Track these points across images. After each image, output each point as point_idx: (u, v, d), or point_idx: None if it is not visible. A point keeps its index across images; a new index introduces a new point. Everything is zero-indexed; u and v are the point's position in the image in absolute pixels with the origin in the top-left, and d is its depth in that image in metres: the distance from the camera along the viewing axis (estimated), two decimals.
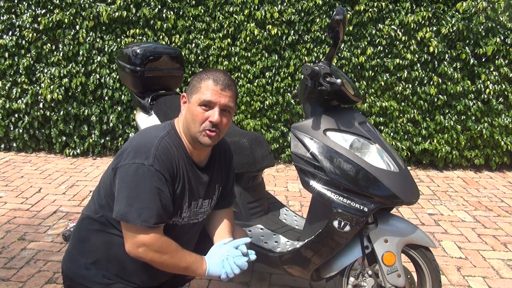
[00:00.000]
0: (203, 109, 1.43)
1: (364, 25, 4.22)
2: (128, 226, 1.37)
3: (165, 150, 1.41)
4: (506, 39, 4.13)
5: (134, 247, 1.38)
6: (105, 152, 4.73)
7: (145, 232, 1.36)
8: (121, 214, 1.36)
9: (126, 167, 1.37)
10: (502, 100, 4.27)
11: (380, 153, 1.70)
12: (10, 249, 2.67)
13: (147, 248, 1.37)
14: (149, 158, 1.36)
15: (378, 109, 4.32)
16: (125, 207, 1.35)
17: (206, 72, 1.47)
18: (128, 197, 1.35)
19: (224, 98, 1.44)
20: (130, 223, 1.35)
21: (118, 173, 1.39)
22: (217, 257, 1.48)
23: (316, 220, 1.84)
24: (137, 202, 1.35)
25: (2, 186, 3.76)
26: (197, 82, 1.45)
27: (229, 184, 1.73)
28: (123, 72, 2.47)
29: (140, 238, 1.36)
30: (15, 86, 4.54)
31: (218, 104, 1.43)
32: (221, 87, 1.43)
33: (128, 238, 1.39)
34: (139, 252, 1.38)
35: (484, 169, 4.53)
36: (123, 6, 4.29)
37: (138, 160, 1.36)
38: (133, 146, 1.41)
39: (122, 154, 1.42)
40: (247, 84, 4.35)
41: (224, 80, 1.44)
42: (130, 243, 1.38)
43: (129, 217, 1.35)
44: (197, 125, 1.43)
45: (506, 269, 2.58)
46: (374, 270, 1.75)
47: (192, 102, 1.45)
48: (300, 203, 3.52)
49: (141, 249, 1.37)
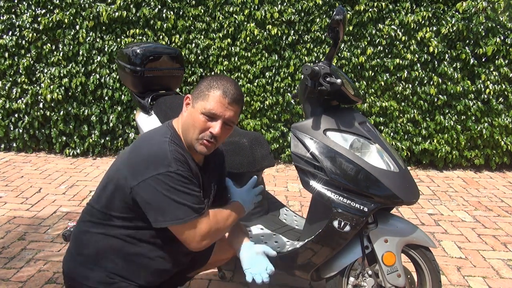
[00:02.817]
0: (206, 119, 1.41)
1: (364, 25, 4.22)
2: (184, 227, 1.39)
3: (178, 152, 1.41)
4: (506, 39, 4.13)
5: (199, 243, 1.42)
6: (105, 152, 4.73)
7: (199, 223, 1.40)
8: (176, 219, 1.37)
9: (152, 180, 1.35)
10: (502, 100, 4.27)
11: (380, 153, 1.70)
12: (10, 249, 2.67)
13: (208, 235, 1.43)
14: (171, 164, 1.36)
15: (378, 109, 4.32)
16: (177, 212, 1.36)
17: (218, 80, 1.44)
18: (172, 203, 1.36)
19: (230, 112, 1.42)
20: (188, 222, 1.38)
21: (144, 189, 1.36)
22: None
23: (316, 220, 1.84)
24: (186, 202, 1.37)
25: (2, 186, 3.76)
26: (206, 89, 1.42)
27: (222, 182, 1.74)
28: (123, 72, 2.47)
29: (199, 232, 1.40)
30: (15, 86, 4.54)
31: (222, 118, 1.41)
32: (229, 100, 1.41)
33: (189, 239, 1.41)
34: (207, 244, 1.44)
35: (484, 169, 4.53)
36: (123, 6, 4.29)
37: (162, 170, 1.35)
38: (145, 157, 1.38)
39: (138, 169, 1.38)
40: (247, 84, 4.35)
41: (234, 93, 1.42)
42: (195, 242, 1.42)
43: (186, 217, 1.37)
44: (196, 132, 1.43)
45: (506, 269, 2.58)
46: (374, 270, 1.75)
47: (196, 108, 1.42)
48: (300, 203, 3.52)
49: (205, 241, 1.43)
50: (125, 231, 1.47)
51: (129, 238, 1.47)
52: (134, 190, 1.38)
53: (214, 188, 1.67)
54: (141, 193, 1.37)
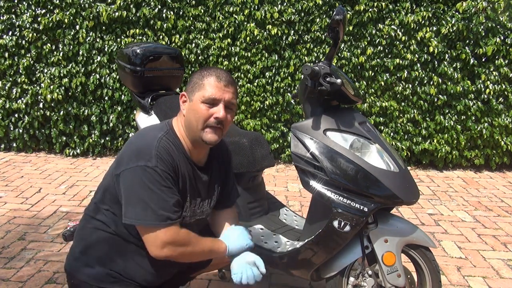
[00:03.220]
0: (207, 106, 1.42)
1: (364, 25, 4.22)
2: (146, 229, 1.37)
3: (165, 149, 1.40)
4: (506, 39, 4.13)
5: (158, 249, 1.37)
6: (105, 152, 4.73)
7: (165, 231, 1.36)
8: (137, 219, 1.35)
9: (129, 171, 1.36)
10: (502, 100, 4.27)
11: (380, 153, 1.70)
12: (10, 249, 2.67)
13: (171, 245, 1.37)
14: (151, 159, 1.36)
15: (378, 109, 4.32)
16: (140, 211, 1.34)
17: (207, 69, 1.47)
18: (140, 201, 1.34)
19: (228, 94, 1.44)
20: (148, 226, 1.35)
21: (122, 178, 1.38)
22: (237, 241, 1.55)
23: (316, 220, 1.84)
24: (151, 204, 1.34)
25: (2, 186, 3.76)
26: (199, 80, 1.45)
27: (229, 184, 1.73)
28: (123, 72, 2.47)
29: (161, 238, 1.36)
30: (15, 86, 4.54)
31: (222, 100, 1.43)
32: (225, 83, 1.44)
33: (149, 242, 1.37)
34: (165, 252, 1.38)
35: (484, 169, 4.53)
36: (123, 6, 4.29)
37: (140, 163, 1.35)
38: (133, 149, 1.41)
39: (123, 158, 1.41)
40: (247, 84, 4.35)
41: (226, 76, 1.46)
42: (154, 246, 1.37)
43: (146, 220, 1.34)
44: (201, 122, 1.43)
45: (506, 269, 2.58)
46: (374, 270, 1.75)
47: (195, 100, 1.44)
48: (300, 203, 3.52)
49: (166, 248, 1.37)
50: (118, 228, 1.47)
51: (122, 233, 1.47)
52: (116, 180, 1.40)
53: (217, 189, 1.66)
54: (120, 183, 1.39)
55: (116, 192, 1.42)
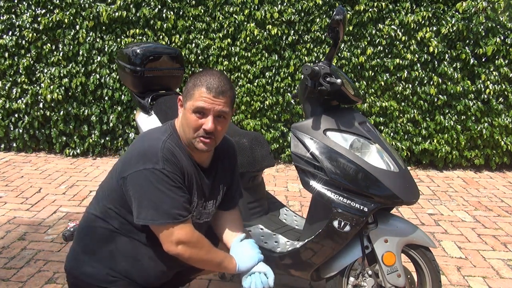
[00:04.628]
0: (197, 116, 1.41)
1: (364, 25, 4.22)
2: (160, 228, 1.39)
3: (170, 152, 1.41)
4: (506, 39, 4.13)
5: (173, 245, 1.39)
6: (105, 152, 4.73)
7: (179, 228, 1.38)
8: (150, 219, 1.37)
9: (137, 174, 1.37)
10: (502, 100, 4.27)
11: (380, 153, 1.70)
12: (10, 249, 2.67)
13: (186, 244, 1.40)
14: (158, 162, 1.37)
15: (378, 109, 4.32)
16: (153, 212, 1.36)
17: (201, 76, 1.43)
18: (151, 202, 1.36)
19: (218, 106, 1.41)
20: (162, 225, 1.37)
21: (130, 181, 1.39)
22: (246, 257, 1.53)
23: (316, 220, 1.84)
24: (163, 204, 1.36)
25: (2, 186, 3.76)
26: (191, 88, 1.43)
27: (234, 185, 1.72)
28: (123, 72, 2.47)
29: (176, 235, 1.38)
30: (15, 86, 4.54)
31: (211, 111, 1.41)
32: (214, 94, 1.39)
33: (164, 239, 1.40)
34: (179, 249, 1.40)
35: (484, 169, 4.52)
36: (123, 6, 4.29)
37: (148, 166, 1.36)
38: (139, 152, 1.41)
39: (129, 161, 1.42)
40: (247, 84, 4.35)
41: (218, 86, 1.40)
42: (168, 243, 1.40)
43: (159, 220, 1.36)
44: (191, 131, 1.43)
45: (506, 269, 2.58)
46: (374, 270, 1.75)
47: (187, 108, 1.43)
48: (300, 203, 3.52)
49: (181, 246, 1.39)
50: (122, 226, 1.48)
51: (126, 233, 1.48)
52: (123, 183, 1.41)
53: (223, 190, 1.66)
54: (128, 186, 1.40)
55: (123, 194, 1.43)
